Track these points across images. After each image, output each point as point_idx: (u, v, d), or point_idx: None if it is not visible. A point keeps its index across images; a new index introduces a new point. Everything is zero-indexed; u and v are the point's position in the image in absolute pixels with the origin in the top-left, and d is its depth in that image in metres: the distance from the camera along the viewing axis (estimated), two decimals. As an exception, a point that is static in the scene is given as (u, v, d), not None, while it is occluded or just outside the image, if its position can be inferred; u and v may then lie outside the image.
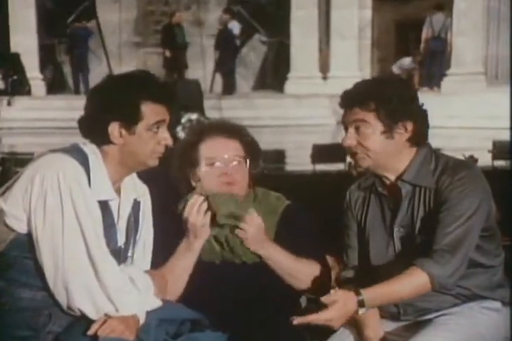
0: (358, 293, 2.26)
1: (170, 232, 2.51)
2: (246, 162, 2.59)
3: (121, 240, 2.32)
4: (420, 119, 2.39)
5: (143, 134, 2.25)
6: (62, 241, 2.15)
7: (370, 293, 2.27)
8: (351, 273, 2.52)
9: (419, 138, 2.40)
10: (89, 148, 2.27)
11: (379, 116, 2.34)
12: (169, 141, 2.29)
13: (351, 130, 2.39)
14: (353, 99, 2.38)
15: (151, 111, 2.24)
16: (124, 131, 2.24)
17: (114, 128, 2.23)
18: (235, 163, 2.56)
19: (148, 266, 2.43)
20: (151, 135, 2.26)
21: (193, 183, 2.58)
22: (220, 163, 2.56)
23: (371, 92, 2.36)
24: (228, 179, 2.54)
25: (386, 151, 2.38)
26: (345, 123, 2.42)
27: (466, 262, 2.33)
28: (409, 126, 2.37)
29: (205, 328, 2.35)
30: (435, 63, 14.81)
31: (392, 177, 2.44)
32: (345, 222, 2.58)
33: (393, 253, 2.44)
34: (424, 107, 2.42)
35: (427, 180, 2.39)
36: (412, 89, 2.55)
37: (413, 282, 2.29)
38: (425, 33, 14.75)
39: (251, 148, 2.62)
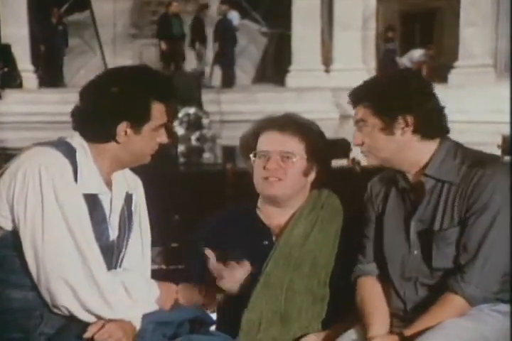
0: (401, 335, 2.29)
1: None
2: (300, 159, 2.56)
3: (113, 234, 2.31)
4: (425, 111, 2.34)
5: (147, 134, 2.26)
6: (42, 236, 2.12)
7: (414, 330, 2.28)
8: (369, 266, 2.52)
9: (429, 130, 2.37)
10: (77, 142, 2.24)
11: (375, 113, 2.36)
12: (165, 139, 2.30)
13: (357, 129, 2.42)
14: (352, 99, 2.43)
15: (159, 112, 2.27)
16: (129, 131, 2.24)
17: (122, 128, 2.22)
18: (276, 157, 2.55)
19: (148, 261, 2.44)
20: (154, 135, 2.27)
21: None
22: (263, 156, 2.57)
23: (367, 90, 2.39)
24: (266, 173, 2.55)
25: (389, 148, 2.38)
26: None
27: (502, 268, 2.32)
28: (410, 119, 2.33)
29: (207, 326, 2.36)
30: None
31: (413, 172, 2.41)
32: (365, 214, 2.57)
33: (407, 248, 2.42)
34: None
35: (451, 175, 2.36)
36: (416, 81, 2.43)
37: (453, 310, 2.31)
38: None
39: (313, 146, 2.57)
